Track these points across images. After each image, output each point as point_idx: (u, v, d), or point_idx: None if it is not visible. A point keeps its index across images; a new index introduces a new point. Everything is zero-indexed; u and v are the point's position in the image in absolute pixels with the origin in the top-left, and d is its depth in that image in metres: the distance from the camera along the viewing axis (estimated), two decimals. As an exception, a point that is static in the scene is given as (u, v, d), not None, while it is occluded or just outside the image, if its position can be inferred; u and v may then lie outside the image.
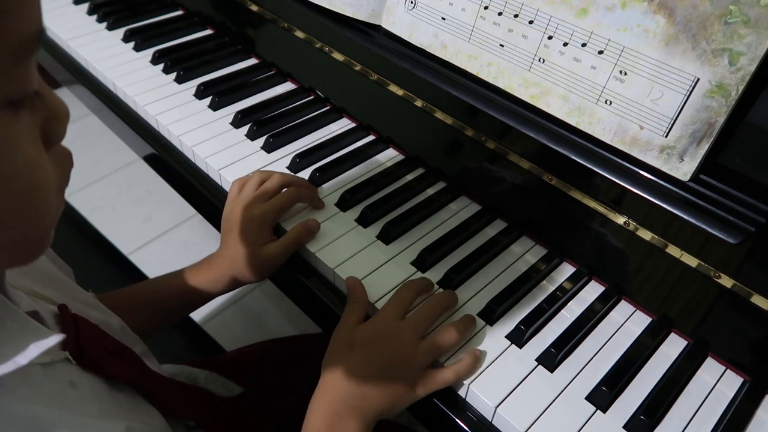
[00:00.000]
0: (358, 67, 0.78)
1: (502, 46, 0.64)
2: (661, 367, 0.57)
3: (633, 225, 0.59)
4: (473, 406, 0.54)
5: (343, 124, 0.83)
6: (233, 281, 0.65)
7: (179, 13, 1.06)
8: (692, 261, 0.56)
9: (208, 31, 1.02)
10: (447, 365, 0.55)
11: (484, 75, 0.66)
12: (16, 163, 0.29)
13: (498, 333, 0.59)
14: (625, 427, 0.52)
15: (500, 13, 0.63)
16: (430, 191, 0.74)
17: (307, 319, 0.70)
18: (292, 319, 1.53)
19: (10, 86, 0.27)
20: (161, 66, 0.92)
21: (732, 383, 0.57)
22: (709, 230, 0.54)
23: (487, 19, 0.64)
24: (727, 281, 0.55)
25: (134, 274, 1.04)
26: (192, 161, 0.79)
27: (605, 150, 0.59)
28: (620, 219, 0.60)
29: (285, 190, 0.68)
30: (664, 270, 0.59)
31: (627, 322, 0.61)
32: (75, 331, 0.44)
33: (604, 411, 0.53)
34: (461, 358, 0.55)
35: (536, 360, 0.56)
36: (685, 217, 0.55)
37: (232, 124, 0.82)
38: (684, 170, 0.54)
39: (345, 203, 0.70)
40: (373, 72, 0.77)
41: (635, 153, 0.57)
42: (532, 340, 0.58)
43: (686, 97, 0.52)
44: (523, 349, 0.57)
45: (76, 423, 0.38)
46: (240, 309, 1.54)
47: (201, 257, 0.68)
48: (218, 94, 0.85)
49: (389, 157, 0.79)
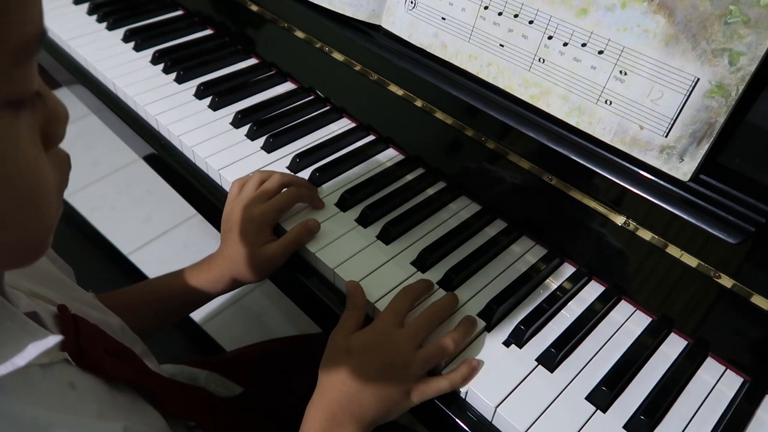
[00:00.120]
0: (358, 67, 0.78)
1: (502, 46, 0.64)
2: (661, 367, 0.57)
3: (633, 225, 0.59)
4: (473, 406, 0.54)
5: (343, 124, 0.83)
6: (233, 281, 0.65)
7: (179, 13, 1.06)
8: (692, 261, 0.56)
9: (208, 31, 1.02)
10: (444, 373, 0.55)
11: (484, 75, 0.66)
12: (16, 164, 0.29)
13: (498, 333, 0.59)
14: (625, 427, 0.52)
15: (500, 13, 0.63)
16: (430, 191, 0.74)
17: (307, 319, 0.71)
18: (292, 319, 1.53)
19: (10, 86, 0.27)
20: (161, 66, 0.92)
21: (732, 383, 0.57)
22: (709, 230, 0.54)
23: (487, 19, 0.64)
24: (727, 281, 0.55)
25: (134, 274, 1.04)
26: (192, 161, 0.79)
27: (605, 150, 0.59)
28: (620, 219, 0.60)
29: (285, 190, 0.68)
30: (664, 270, 0.59)
31: (627, 322, 0.61)
32: (74, 332, 0.43)
33: (604, 411, 0.53)
34: (458, 368, 0.54)
35: (536, 360, 0.56)
36: (685, 217, 0.55)
37: (232, 124, 0.82)
38: (684, 170, 0.55)
39: (345, 203, 0.70)
40: (373, 72, 0.77)
41: (635, 153, 0.57)
42: (532, 340, 0.58)
43: (686, 97, 0.52)
44: (523, 349, 0.57)
45: (74, 424, 0.38)
46: (240, 309, 1.54)
47: (201, 257, 0.68)
48: (218, 94, 0.85)
49: (389, 157, 0.79)
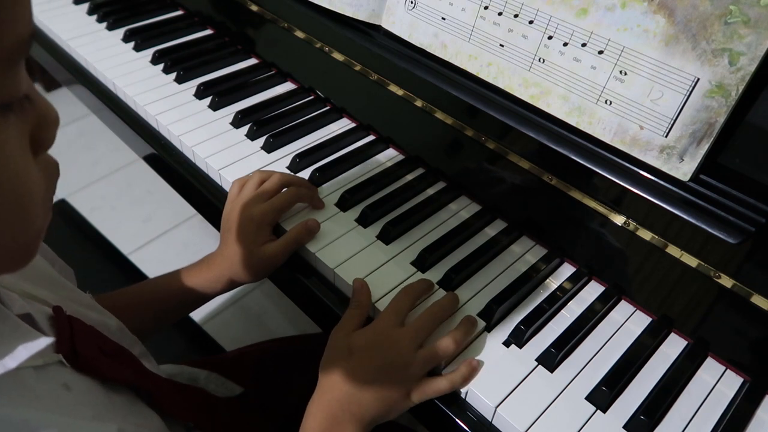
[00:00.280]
0: (358, 67, 0.78)
1: (502, 46, 0.64)
2: (661, 367, 0.57)
3: (633, 225, 0.59)
4: (473, 406, 0.54)
5: (343, 124, 0.83)
6: (232, 281, 0.65)
7: (179, 13, 1.06)
8: (692, 261, 0.56)
9: (208, 31, 1.02)
10: (444, 373, 0.55)
11: (484, 75, 0.66)
12: (4, 168, 0.28)
13: (498, 333, 0.59)
14: (625, 427, 0.52)
15: (500, 13, 0.63)
16: (430, 191, 0.74)
17: (307, 319, 0.70)
18: (292, 319, 1.53)
19: None
20: (161, 66, 0.92)
21: (732, 383, 0.57)
22: (709, 230, 0.54)
23: (487, 19, 0.64)
24: (727, 281, 0.55)
25: (134, 274, 1.04)
26: (192, 161, 0.79)
27: (605, 150, 0.59)
28: (620, 219, 0.60)
29: (285, 190, 0.68)
30: (664, 270, 0.59)
31: (627, 322, 0.61)
32: (70, 333, 0.43)
33: (604, 411, 0.53)
34: (458, 368, 0.54)
35: (536, 360, 0.56)
36: (685, 217, 0.55)
37: (232, 124, 0.82)
38: (684, 170, 0.54)
39: (345, 203, 0.70)
40: (373, 72, 0.77)
41: (635, 153, 0.57)
42: (532, 340, 0.58)
43: (686, 97, 0.52)
44: (523, 349, 0.57)
45: (67, 425, 0.38)
46: (240, 309, 1.54)
47: (201, 257, 0.68)
48: (218, 94, 0.85)
49: (389, 157, 0.79)
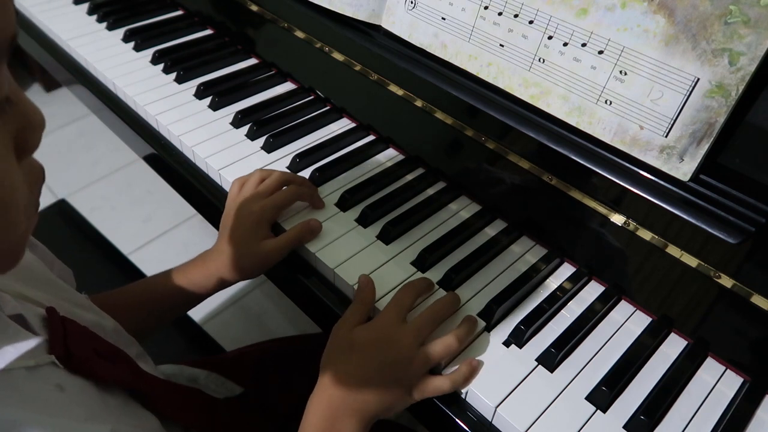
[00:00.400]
0: (358, 67, 0.78)
1: (502, 46, 0.64)
2: (661, 367, 0.57)
3: (633, 225, 0.59)
4: (473, 406, 0.54)
5: (343, 124, 0.83)
6: (229, 276, 0.64)
7: (179, 13, 1.06)
8: (692, 261, 0.56)
9: (208, 31, 1.02)
10: (444, 373, 0.55)
11: (484, 75, 0.66)
12: None
13: (498, 333, 0.59)
14: (625, 427, 0.52)
15: (500, 13, 0.63)
16: (430, 191, 0.74)
17: (307, 319, 0.70)
18: (292, 319, 1.53)
19: None
20: (161, 66, 0.92)
21: (732, 383, 0.57)
22: (709, 230, 0.54)
23: (487, 19, 0.64)
24: (727, 281, 0.55)
25: (134, 274, 1.04)
26: (192, 161, 0.79)
27: (605, 150, 0.59)
28: (620, 219, 0.60)
29: (285, 188, 0.68)
30: (664, 270, 0.59)
31: (627, 322, 0.61)
32: (63, 334, 0.43)
33: (604, 411, 0.53)
34: (458, 368, 0.54)
35: (536, 360, 0.56)
36: (685, 217, 0.55)
37: (232, 124, 0.82)
38: (684, 170, 0.54)
39: (345, 203, 0.70)
40: (373, 72, 0.77)
41: (635, 153, 0.57)
42: (532, 340, 0.58)
43: (686, 97, 0.52)
44: (523, 349, 0.57)
45: (58, 426, 0.38)
46: (240, 309, 1.55)
47: (200, 257, 0.68)
48: (218, 94, 0.85)
49: (389, 157, 0.79)
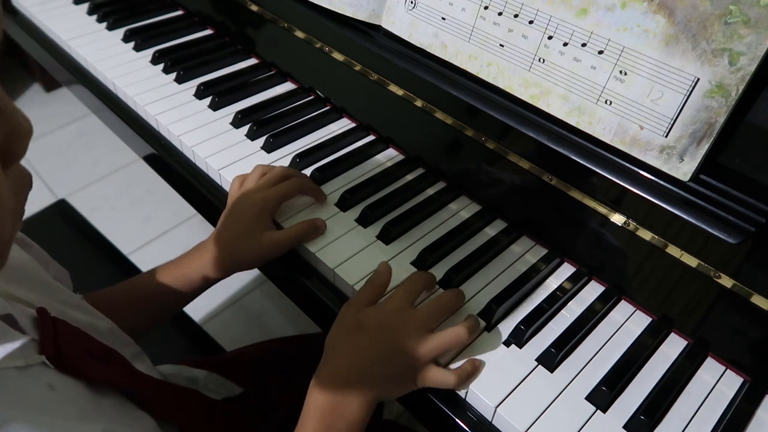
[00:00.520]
0: (358, 67, 0.78)
1: (502, 46, 0.64)
2: (661, 367, 0.57)
3: (633, 225, 0.59)
4: (473, 406, 0.54)
5: (343, 124, 0.83)
6: (228, 265, 0.64)
7: (179, 13, 1.06)
8: (692, 261, 0.56)
9: (208, 31, 1.02)
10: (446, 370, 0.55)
11: (484, 75, 0.66)
12: None
13: (498, 333, 0.59)
14: (625, 427, 0.52)
15: (500, 13, 0.63)
16: (430, 191, 0.74)
17: (307, 319, 0.70)
18: (292, 319, 1.53)
19: None
20: (161, 66, 0.92)
21: (732, 383, 0.57)
22: (709, 230, 0.54)
23: (487, 19, 0.64)
24: (727, 281, 0.55)
25: (134, 274, 1.04)
26: (192, 161, 0.79)
27: (605, 150, 0.59)
28: (620, 219, 0.60)
29: (287, 180, 0.68)
30: (664, 270, 0.59)
31: (627, 322, 0.61)
32: (53, 335, 0.43)
33: (604, 411, 0.53)
34: (463, 365, 0.54)
35: (536, 360, 0.56)
36: (685, 217, 0.55)
37: (232, 124, 0.82)
38: (684, 170, 0.54)
39: (345, 203, 0.70)
40: (373, 72, 0.77)
41: (635, 153, 0.57)
42: (532, 340, 0.58)
43: (686, 97, 0.52)
44: (523, 349, 0.57)
45: (48, 424, 0.38)
46: (240, 309, 1.55)
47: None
48: (218, 94, 0.85)
49: (389, 157, 0.79)
